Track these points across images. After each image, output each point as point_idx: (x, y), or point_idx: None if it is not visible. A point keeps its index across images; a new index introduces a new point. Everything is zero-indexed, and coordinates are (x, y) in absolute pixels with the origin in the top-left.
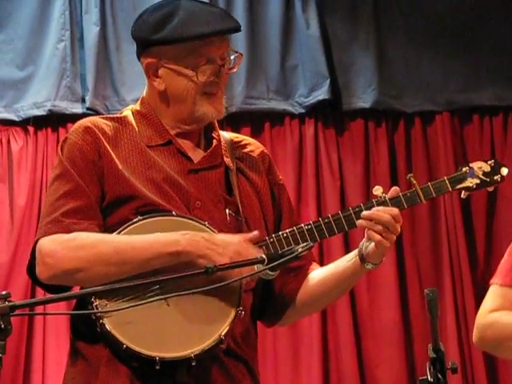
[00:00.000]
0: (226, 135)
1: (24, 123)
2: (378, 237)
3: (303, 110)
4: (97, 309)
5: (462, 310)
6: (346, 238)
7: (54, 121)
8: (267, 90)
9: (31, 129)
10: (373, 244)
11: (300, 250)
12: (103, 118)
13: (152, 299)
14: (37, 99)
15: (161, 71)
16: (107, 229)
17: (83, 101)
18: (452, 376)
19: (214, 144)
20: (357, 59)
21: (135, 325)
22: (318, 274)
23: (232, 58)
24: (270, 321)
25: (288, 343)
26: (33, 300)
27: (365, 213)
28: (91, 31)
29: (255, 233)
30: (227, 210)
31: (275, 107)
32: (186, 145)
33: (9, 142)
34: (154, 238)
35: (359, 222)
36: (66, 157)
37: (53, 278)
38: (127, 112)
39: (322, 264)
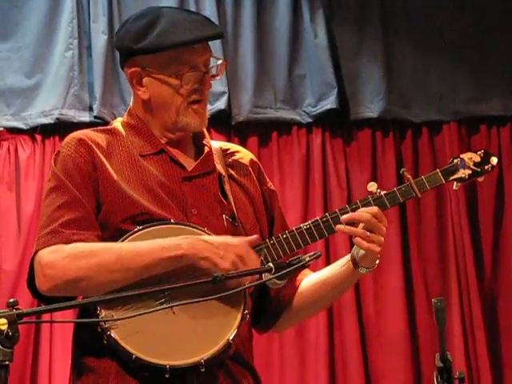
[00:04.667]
0: (215, 143)
1: (31, 131)
2: (364, 244)
3: (311, 120)
4: (103, 321)
5: (469, 320)
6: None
7: (62, 129)
8: (275, 100)
9: (39, 137)
10: (361, 251)
11: (308, 258)
12: (94, 130)
13: (159, 308)
14: (44, 107)
15: (145, 80)
16: (105, 239)
17: (91, 109)
18: None
19: (205, 151)
20: (364, 69)
21: (143, 334)
22: (311, 280)
23: (216, 64)
24: (264, 327)
25: (294, 352)
26: (40, 308)
27: (344, 217)
28: (99, 40)
29: (255, 236)
30: (224, 216)
31: (283, 116)
32: (177, 153)
33: (16, 150)
34: (155, 243)
35: (338, 227)
36: (60, 169)
37: (54, 288)
38: (117, 124)
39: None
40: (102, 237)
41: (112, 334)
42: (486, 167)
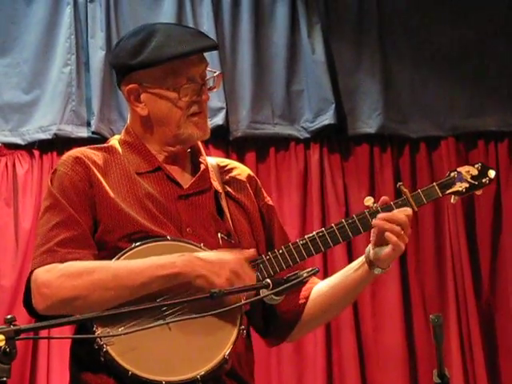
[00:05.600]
0: (212, 160)
1: (29, 147)
2: (395, 238)
3: (308, 135)
4: (99, 338)
5: (467, 336)
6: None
7: (60, 145)
8: (272, 115)
9: (36, 152)
10: (386, 249)
11: (305, 274)
12: (91, 148)
13: (154, 324)
14: (42, 123)
15: (143, 96)
16: (102, 258)
17: (89, 125)
18: None
19: (201, 168)
20: (362, 84)
21: (139, 351)
22: (323, 287)
23: (212, 76)
24: (276, 339)
25: (292, 367)
26: (38, 324)
27: (383, 215)
28: (97, 55)
29: (252, 250)
30: (219, 234)
31: (280, 132)
32: (174, 170)
33: (14, 165)
34: (150, 261)
35: (376, 222)
36: (56, 188)
37: (50, 307)
38: (114, 141)
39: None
40: (98, 255)
41: (108, 351)
42: (484, 180)
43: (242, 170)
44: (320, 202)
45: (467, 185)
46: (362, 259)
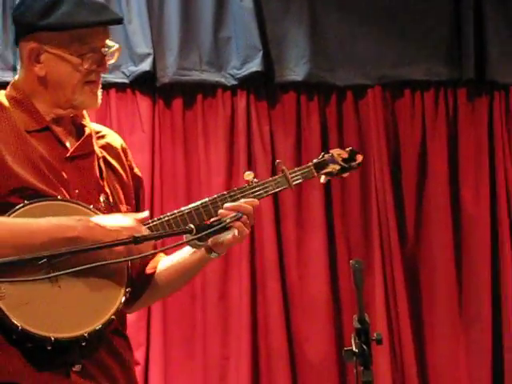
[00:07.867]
0: (90, 125)
1: None
2: (239, 223)
3: (235, 82)
4: None
5: (391, 284)
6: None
7: None
8: (200, 62)
9: None
10: (228, 235)
11: (228, 220)
12: None
13: (42, 277)
14: None
15: (43, 57)
16: None
17: (15, 69)
18: (380, 348)
19: (86, 132)
20: (290, 32)
21: (29, 307)
22: (167, 263)
23: (112, 49)
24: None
25: (217, 315)
26: None
27: (229, 205)
28: None
29: (146, 213)
30: (101, 198)
31: (207, 79)
32: (60, 132)
33: None
34: (50, 222)
35: (222, 213)
36: None
37: None
38: (1, 97)
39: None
40: None
41: None
42: (353, 164)
43: (116, 137)
44: (246, 150)
45: (339, 167)
46: None
